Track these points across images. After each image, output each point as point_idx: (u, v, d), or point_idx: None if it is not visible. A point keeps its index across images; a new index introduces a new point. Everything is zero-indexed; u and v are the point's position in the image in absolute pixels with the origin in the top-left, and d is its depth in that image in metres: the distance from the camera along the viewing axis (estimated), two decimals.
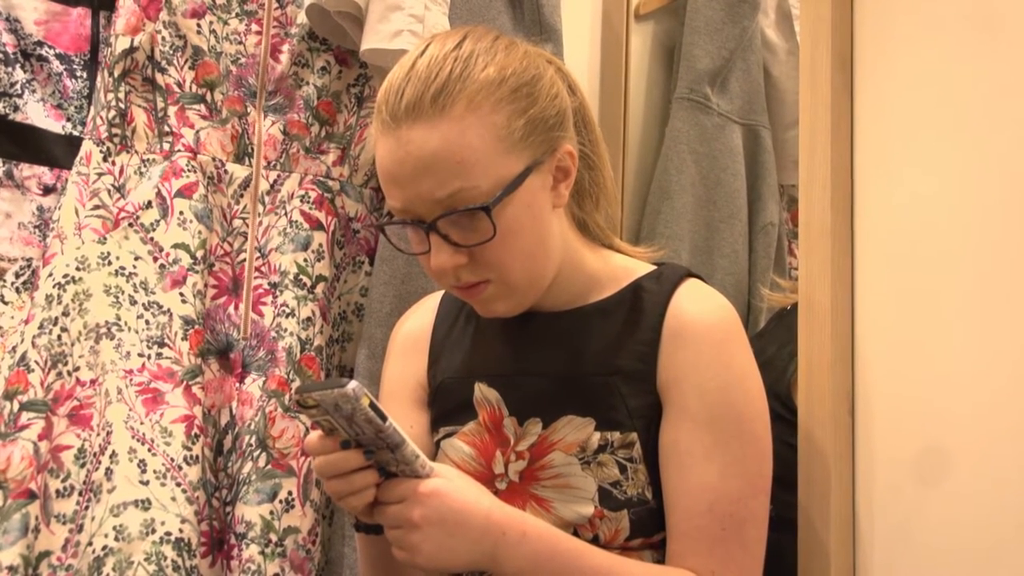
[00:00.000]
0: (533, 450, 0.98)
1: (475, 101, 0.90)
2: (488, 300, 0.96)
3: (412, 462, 0.89)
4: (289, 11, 1.40)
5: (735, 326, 0.98)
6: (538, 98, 0.94)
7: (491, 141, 0.90)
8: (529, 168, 0.92)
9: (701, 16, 1.54)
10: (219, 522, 1.24)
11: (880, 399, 1.07)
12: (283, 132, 1.38)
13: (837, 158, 1.11)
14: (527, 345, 1.02)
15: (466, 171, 0.89)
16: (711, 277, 1.49)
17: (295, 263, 1.34)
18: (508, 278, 0.94)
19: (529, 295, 0.98)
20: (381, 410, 0.86)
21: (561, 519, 0.95)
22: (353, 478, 0.89)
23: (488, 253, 0.92)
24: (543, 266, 0.97)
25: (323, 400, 0.85)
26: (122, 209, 1.28)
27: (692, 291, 0.99)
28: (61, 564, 1.14)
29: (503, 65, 0.93)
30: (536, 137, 0.93)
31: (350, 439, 0.89)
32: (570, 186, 0.98)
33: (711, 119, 1.53)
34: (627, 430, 0.96)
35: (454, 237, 0.92)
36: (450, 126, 0.89)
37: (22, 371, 1.18)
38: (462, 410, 1.03)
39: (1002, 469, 0.95)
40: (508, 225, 0.91)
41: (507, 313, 0.99)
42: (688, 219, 1.48)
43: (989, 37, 1.01)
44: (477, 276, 0.94)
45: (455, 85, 0.90)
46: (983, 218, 1.00)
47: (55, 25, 1.32)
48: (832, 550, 1.05)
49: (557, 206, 0.97)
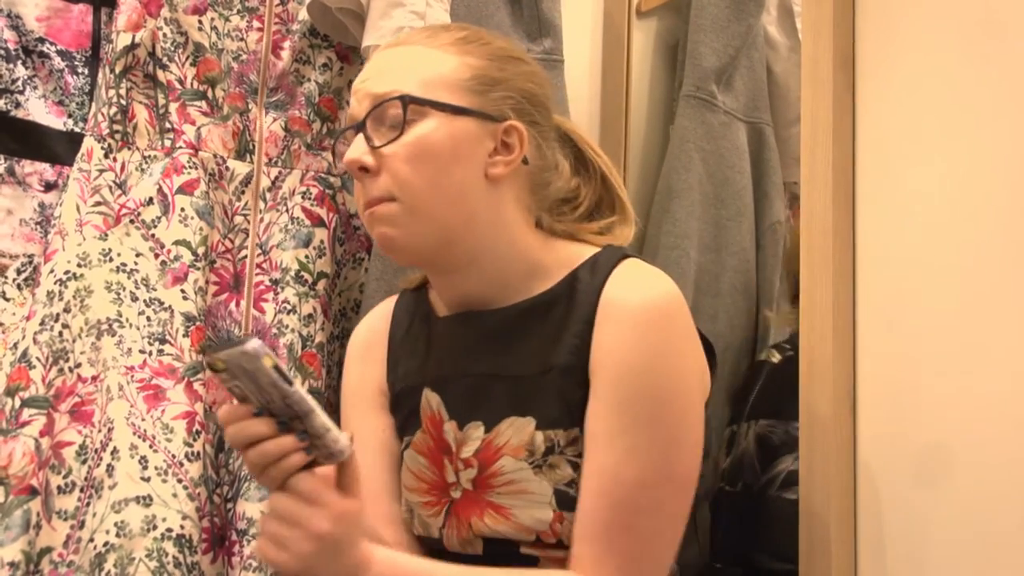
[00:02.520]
0: (480, 456, 0.96)
1: (448, 42, 0.97)
2: (384, 221, 0.94)
3: (323, 435, 0.83)
4: (290, 7, 1.40)
5: (667, 306, 0.92)
6: (506, 68, 0.98)
7: (445, 71, 0.95)
8: (467, 110, 0.94)
9: (707, 14, 1.54)
10: (220, 518, 1.24)
11: (881, 397, 1.07)
12: (284, 129, 1.38)
13: (839, 156, 1.11)
14: (466, 345, 1.00)
15: (409, 77, 0.94)
16: (720, 275, 1.48)
17: (296, 260, 1.34)
18: (410, 200, 0.93)
19: (427, 235, 0.94)
20: (286, 373, 0.81)
21: (522, 526, 0.93)
22: (265, 447, 0.82)
23: (396, 163, 0.93)
24: (452, 214, 0.94)
25: (229, 360, 0.81)
26: (123, 206, 1.29)
27: (625, 275, 0.95)
28: (62, 560, 1.14)
29: (490, 40, 0.99)
30: (489, 92, 0.96)
31: (261, 408, 0.83)
32: (511, 164, 0.96)
33: (717, 117, 1.53)
34: (569, 427, 0.93)
35: (373, 137, 0.94)
36: (416, 48, 0.97)
37: (23, 367, 1.19)
38: (414, 418, 1.02)
39: (1003, 468, 0.95)
40: (421, 140, 0.93)
41: (402, 248, 0.95)
42: (696, 217, 1.48)
43: (990, 35, 1.01)
44: (381, 190, 0.94)
45: (441, 32, 0.99)
46: (984, 216, 1.00)
47: (56, 21, 1.32)
48: (833, 549, 1.05)
49: (491, 176, 0.95)
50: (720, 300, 1.47)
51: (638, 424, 0.89)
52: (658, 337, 0.91)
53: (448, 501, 0.98)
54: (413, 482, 1.01)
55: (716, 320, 1.45)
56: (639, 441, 0.89)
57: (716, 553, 1.30)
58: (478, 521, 0.95)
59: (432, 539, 1.00)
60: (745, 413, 1.33)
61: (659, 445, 0.90)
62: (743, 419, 1.32)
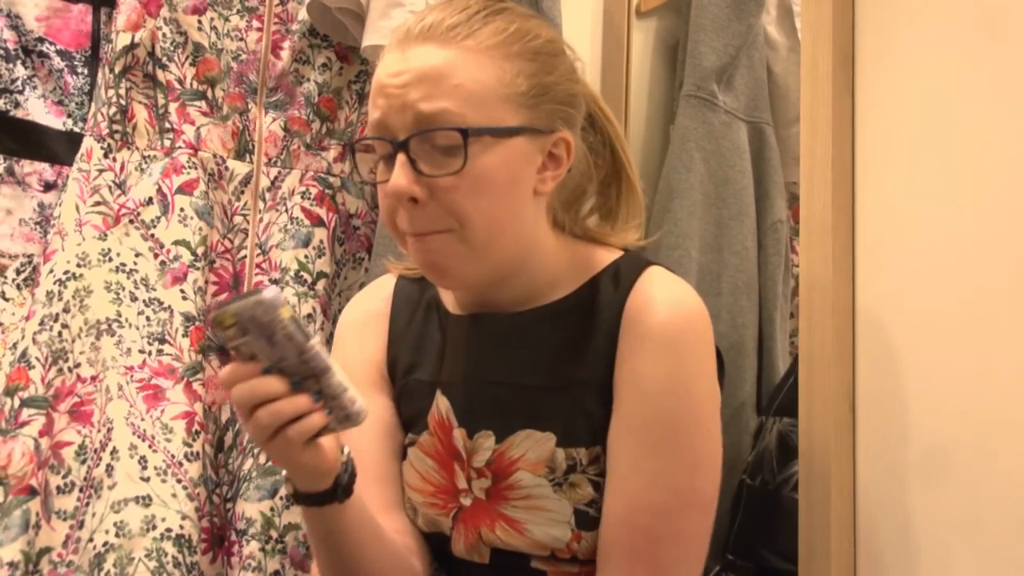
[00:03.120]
0: (493, 467, 0.93)
1: (490, 42, 0.87)
2: (440, 254, 0.87)
3: (340, 395, 0.78)
4: (290, 7, 1.40)
5: (692, 323, 0.90)
6: (554, 69, 0.90)
7: (494, 83, 0.86)
8: (523, 128, 0.87)
9: (707, 13, 1.54)
10: (220, 518, 1.24)
11: (881, 397, 1.07)
12: (284, 129, 1.38)
13: (838, 155, 1.11)
14: (478, 349, 0.96)
15: (459, 95, 0.84)
16: (721, 275, 1.48)
17: (296, 259, 1.34)
18: (468, 232, 0.86)
19: (483, 267, 0.89)
20: (304, 327, 0.76)
21: (536, 542, 0.91)
22: (279, 406, 0.76)
23: (453, 195, 0.85)
24: (506, 242, 0.89)
25: (241, 314, 0.75)
26: (123, 206, 1.29)
27: (649, 287, 0.91)
28: (62, 560, 1.14)
29: (529, 28, 0.90)
30: (539, 104, 0.88)
31: (272, 367, 0.77)
32: (558, 178, 0.92)
33: (718, 116, 1.53)
34: (591, 445, 0.90)
35: (421, 164, 0.85)
36: (458, 52, 0.86)
37: (23, 367, 1.19)
38: (421, 417, 0.98)
39: (1003, 468, 0.95)
40: (481, 171, 0.85)
41: (456, 281, 0.92)
42: (697, 217, 1.48)
43: (990, 34, 1.01)
44: (436, 223, 0.86)
45: (476, 23, 0.87)
46: (984, 215, 0.99)
47: (56, 21, 1.32)
48: (833, 549, 1.05)
49: (539, 193, 0.91)
50: (722, 300, 1.47)
51: (662, 448, 0.87)
52: (684, 358, 0.88)
53: (456, 507, 0.96)
54: (419, 483, 0.99)
55: (718, 320, 1.45)
56: (663, 466, 0.86)
57: (730, 544, 1.29)
58: (488, 532, 0.93)
59: (442, 536, 0.98)
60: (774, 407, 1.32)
61: (683, 470, 0.87)
62: (772, 412, 1.32)
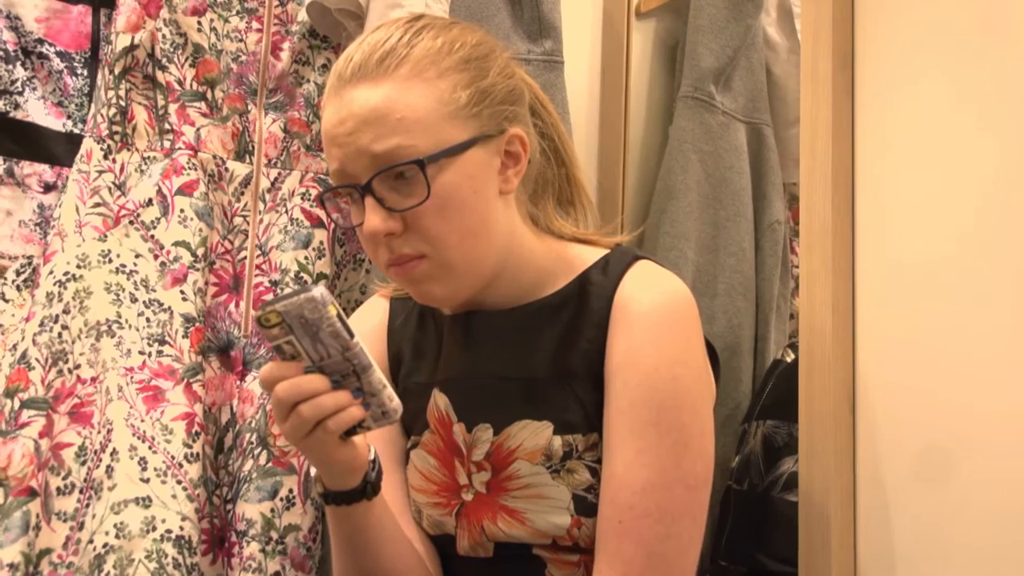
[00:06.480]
0: (492, 459, 0.95)
1: (420, 65, 0.89)
2: (422, 279, 0.91)
3: (380, 392, 0.82)
4: (290, 8, 1.40)
5: (679, 309, 0.92)
6: (487, 72, 0.92)
7: (433, 104, 0.88)
8: (474, 139, 0.90)
9: (705, 14, 1.54)
10: (220, 520, 1.24)
11: (881, 397, 1.07)
12: (284, 130, 1.38)
13: (838, 156, 1.11)
14: (474, 346, 0.99)
15: (405, 128, 0.87)
16: (717, 276, 1.48)
17: (296, 261, 1.34)
18: (444, 255, 0.89)
19: (466, 280, 0.92)
20: (348, 324, 0.79)
21: (536, 530, 0.92)
22: (322, 400, 0.82)
23: (424, 221, 0.88)
24: (484, 250, 0.92)
25: (287, 311, 0.77)
26: (123, 207, 1.29)
27: (638, 278, 0.94)
28: (62, 562, 1.14)
29: (454, 38, 0.92)
30: (483, 110, 0.91)
31: (314, 364, 0.81)
32: (520, 173, 0.94)
33: (716, 118, 1.53)
34: (587, 431, 0.92)
35: (388, 201, 0.88)
36: (393, 85, 0.88)
37: (23, 369, 1.18)
38: (421, 416, 1.01)
39: (1003, 468, 0.95)
40: (445, 192, 0.88)
41: (444, 299, 0.94)
42: (694, 218, 1.48)
43: (990, 35, 1.01)
44: (412, 248, 0.89)
45: (402, 50, 0.90)
46: (983, 215, 1.00)
47: (56, 22, 1.32)
48: (833, 548, 1.05)
49: (505, 192, 0.93)
50: (718, 301, 1.47)
51: (647, 427, 0.88)
52: (670, 340, 0.90)
53: (459, 503, 0.97)
54: (421, 483, 1.00)
55: (714, 321, 1.46)
56: (647, 444, 0.88)
57: (722, 551, 1.30)
58: (491, 525, 0.94)
59: (447, 537, 0.99)
60: (756, 412, 1.33)
61: (668, 448, 0.88)
62: (754, 417, 1.33)
